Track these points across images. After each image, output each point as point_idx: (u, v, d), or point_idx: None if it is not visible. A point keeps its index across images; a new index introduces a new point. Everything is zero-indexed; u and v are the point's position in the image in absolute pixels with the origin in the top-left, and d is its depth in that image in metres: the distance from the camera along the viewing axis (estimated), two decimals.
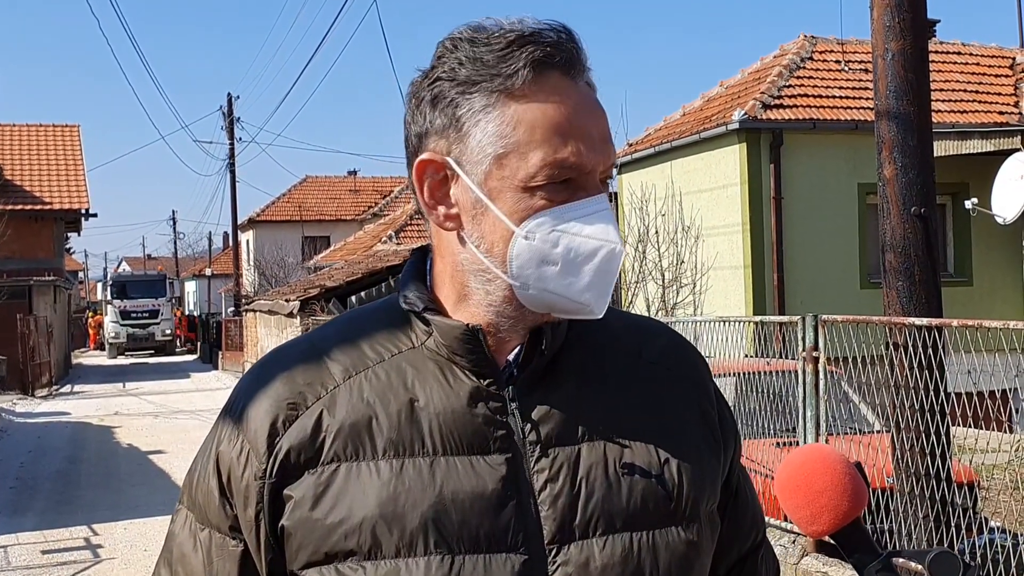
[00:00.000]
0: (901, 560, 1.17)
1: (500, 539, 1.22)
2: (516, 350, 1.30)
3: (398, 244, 28.60)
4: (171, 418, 19.80)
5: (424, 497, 1.22)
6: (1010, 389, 6.45)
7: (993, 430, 7.22)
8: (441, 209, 1.30)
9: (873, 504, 6.70)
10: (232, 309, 39.91)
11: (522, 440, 1.27)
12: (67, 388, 29.17)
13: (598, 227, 1.24)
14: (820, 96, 16.76)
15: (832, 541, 1.22)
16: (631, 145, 19.28)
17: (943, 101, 16.79)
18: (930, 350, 6.27)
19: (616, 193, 19.23)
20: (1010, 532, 6.76)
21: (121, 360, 43.64)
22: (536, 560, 1.23)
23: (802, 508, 1.18)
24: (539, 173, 1.23)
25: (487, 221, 1.26)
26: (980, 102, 17.87)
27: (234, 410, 1.32)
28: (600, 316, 1.26)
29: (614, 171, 1.33)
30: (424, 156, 1.29)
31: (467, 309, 1.30)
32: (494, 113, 1.25)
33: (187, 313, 54.37)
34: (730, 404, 1.50)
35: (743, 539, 1.45)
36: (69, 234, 35.85)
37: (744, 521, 1.44)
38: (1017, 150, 14.18)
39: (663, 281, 15.31)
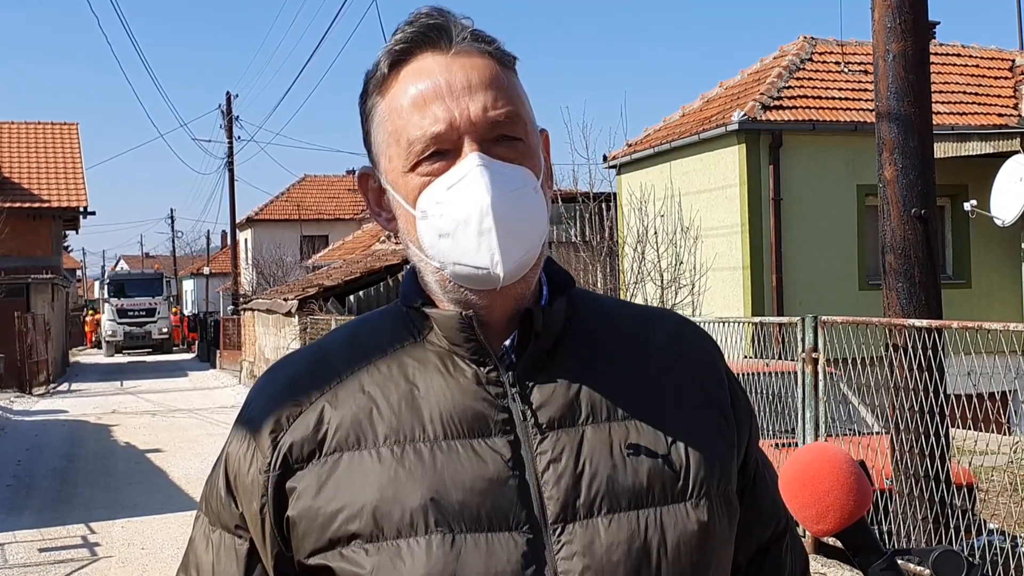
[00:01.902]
0: (905, 559, 1.16)
1: (502, 518, 1.22)
2: (512, 336, 1.31)
3: (396, 244, 28.58)
4: (169, 417, 19.79)
5: (424, 479, 1.23)
6: (1009, 391, 6.46)
7: (992, 432, 7.23)
8: (383, 215, 1.37)
9: (872, 505, 6.70)
10: (231, 308, 39.89)
11: (524, 424, 1.27)
12: (65, 386, 29.16)
13: (468, 188, 1.23)
14: (819, 97, 16.76)
15: (837, 540, 1.21)
16: (630, 146, 19.28)
17: (942, 103, 16.79)
18: (929, 352, 6.27)
19: (615, 193, 19.23)
20: (1008, 534, 6.76)
21: (119, 358, 43.67)
22: (539, 539, 1.23)
23: (807, 507, 1.17)
24: (410, 153, 1.27)
25: (402, 213, 1.32)
26: (979, 104, 17.88)
27: (244, 413, 1.35)
28: (502, 279, 1.24)
29: (518, 117, 1.29)
30: (359, 170, 1.38)
31: (441, 304, 1.33)
32: (375, 111, 1.32)
33: (190, 313, 53.92)
34: None
35: (763, 527, 1.43)
36: (67, 232, 35.86)
37: (763, 508, 1.42)
38: (1016, 152, 14.19)
39: (662, 282, 15.29)
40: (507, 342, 1.31)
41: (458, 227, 1.24)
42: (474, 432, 1.26)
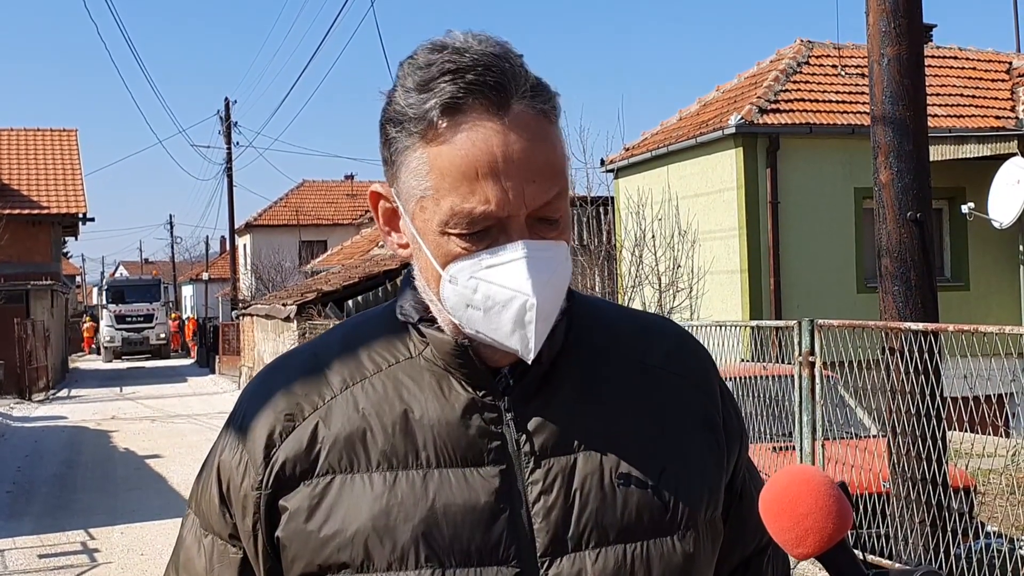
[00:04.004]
0: None
1: (492, 552, 1.22)
2: (511, 360, 1.30)
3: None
4: (168, 422, 19.77)
5: (416, 510, 1.23)
6: (1006, 393, 6.48)
7: (989, 434, 7.24)
8: (394, 236, 1.33)
9: (870, 509, 6.71)
10: (236, 313, 39.91)
11: (516, 451, 1.27)
12: (64, 392, 29.10)
13: (511, 277, 1.20)
14: (816, 100, 16.78)
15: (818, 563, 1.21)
16: (628, 150, 19.30)
17: (939, 106, 16.82)
18: (926, 355, 6.28)
19: (613, 197, 19.25)
20: (1006, 536, 6.77)
21: (118, 364, 43.63)
22: (528, 573, 1.23)
23: (787, 531, 1.17)
24: (450, 221, 1.21)
25: (422, 258, 1.28)
26: (976, 107, 17.90)
27: (236, 419, 1.34)
28: (531, 360, 1.23)
29: (565, 194, 1.25)
30: (374, 187, 1.33)
31: (450, 326, 1.31)
32: (412, 156, 1.23)
33: (195, 318, 53.59)
34: None
35: (747, 542, 1.43)
36: (66, 238, 35.79)
37: (748, 523, 1.41)
38: (1013, 155, 14.21)
39: (660, 285, 15.30)
40: (506, 368, 1.30)
41: (493, 307, 1.21)
42: (467, 461, 1.26)
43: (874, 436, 7.66)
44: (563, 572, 1.24)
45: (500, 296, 1.21)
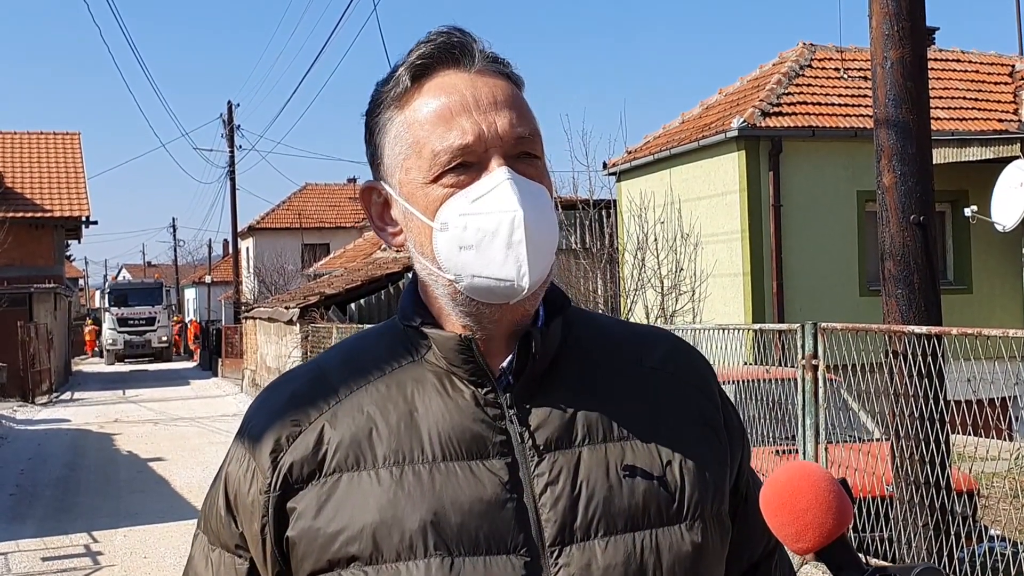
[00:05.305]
0: None
1: (501, 541, 1.23)
2: (509, 357, 1.32)
3: (397, 252, 28.48)
4: (171, 425, 19.78)
5: (424, 501, 1.24)
6: (1009, 397, 6.46)
7: (993, 438, 7.23)
8: (388, 229, 1.39)
9: (873, 512, 6.70)
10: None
11: (521, 445, 1.28)
12: (67, 395, 29.12)
13: (496, 200, 1.25)
14: (819, 103, 16.77)
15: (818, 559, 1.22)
16: (630, 153, 19.30)
17: (942, 109, 16.81)
18: (929, 358, 6.28)
19: (615, 200, 19.25)
20: (1010, 540, 6.76)
21: (120, 367, 43.71)
22: (537, 562, 1.24)
23: (787, 526, 1.17)
24: (434, 164, 1.28)
25: (415, 225, 1.32)
26: (979, 109, 17.88)
27: (243, 432, 1.36)
28: (526, 291, 1.26)
29: (534, 137, 1.32)
30: (362, 185, 1.39)
31: (449, 319, 1.34)
32: (391, 127, 1.33)
33: (198, 321, 53.49)
34: None
35: (754, 545, 1.44)
36: (69, 241, 35.88)
37: (755, 527, 1.41)
38: (1016, 157, 14.20)
39: (662, 288, 15.30)
40: (504, 364, 1.32)
41: (484, 239, 1.25)
42: (472, 454, 1.27)
43: (877, 439, 7.65)
44: (573, 561, 1.25)
45: (489, 224, 1.25)
